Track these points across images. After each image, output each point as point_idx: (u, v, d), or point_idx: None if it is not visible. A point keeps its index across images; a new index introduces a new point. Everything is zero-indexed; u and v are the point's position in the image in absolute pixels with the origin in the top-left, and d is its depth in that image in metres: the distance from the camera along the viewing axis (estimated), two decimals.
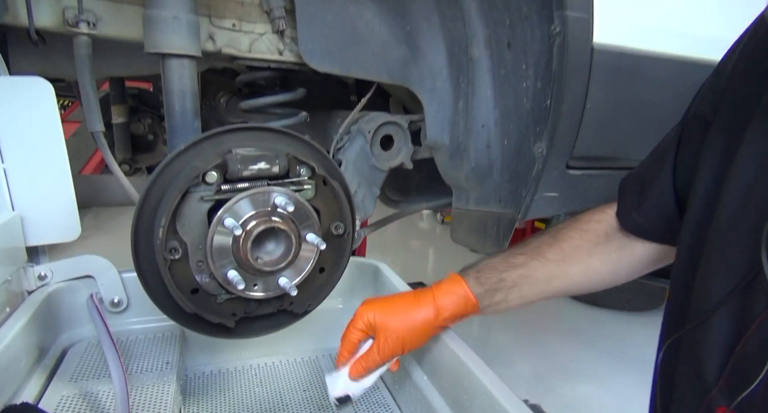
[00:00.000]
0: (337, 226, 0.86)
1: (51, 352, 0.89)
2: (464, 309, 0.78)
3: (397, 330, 0.77)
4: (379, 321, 0.78)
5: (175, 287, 0.74)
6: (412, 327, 0.77)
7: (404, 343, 0.77)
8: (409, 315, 0.78)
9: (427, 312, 0.77)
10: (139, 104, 2.25)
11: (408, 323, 0.77)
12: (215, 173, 0.74)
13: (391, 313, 0.78)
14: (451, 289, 0.78)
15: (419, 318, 0.77)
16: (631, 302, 3.34)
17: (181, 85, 0.87)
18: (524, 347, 2.90)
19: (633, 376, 2.60)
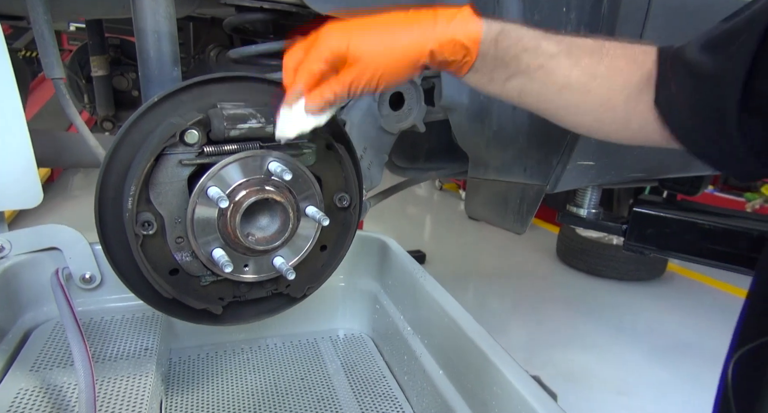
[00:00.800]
0: (341, 197, 0.73)
1: (10, 335, 0.78)
2: (460, 55, 0.57)
3: (376, 60, 0.56)
4: (353, 49, 0.56)
5: (149, 268, 0.62)
6: (397, 57, 0.56)
7: (382, 77, 0.57)
8: (395, 37, 0.57)
9: (420, 38, 0.56)
10: (122, 56, 2.06)
11: (392, 50, 0.56)
12: (196, 131, 0.61)
13: (371, 36, 0.57)
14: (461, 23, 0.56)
15: (409, 43, 0.56)
16: (631, 272, 3.29)
17: (155, 25, 0.72)
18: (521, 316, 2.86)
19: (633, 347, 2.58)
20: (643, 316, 2.91)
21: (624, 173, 0.90)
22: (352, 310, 1.04)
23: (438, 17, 0.57)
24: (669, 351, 2.49)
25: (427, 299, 0.80)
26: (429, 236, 4.19)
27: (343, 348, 0.99)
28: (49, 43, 0.71)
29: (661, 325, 2.75)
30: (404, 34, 0.57)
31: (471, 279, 3.18)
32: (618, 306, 3.06)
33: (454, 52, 0.57)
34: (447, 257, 3.40)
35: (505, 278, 3.20)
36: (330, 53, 0.57)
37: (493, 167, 0.99)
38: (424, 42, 0.56)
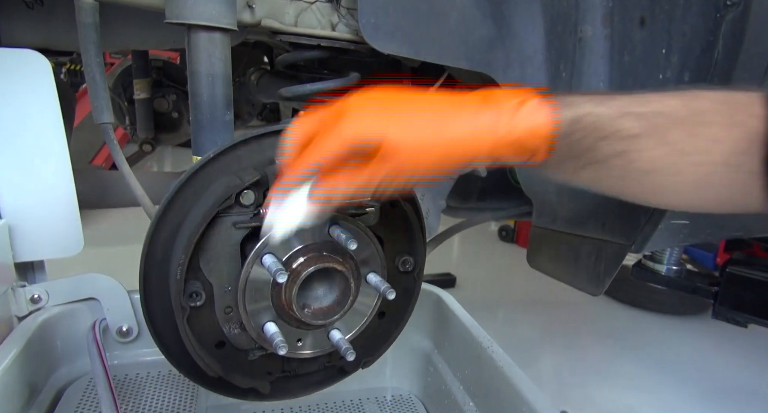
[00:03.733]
0: (405, 261, 0.65)
1: (43, 394, 0.73)
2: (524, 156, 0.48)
3: (418, 157, 0.46)
4: (391, 142, 0.45)
5: (195, 345, 0.55)
6: (446, 156, 0.46)
7: (422, 178, 0.47)
8: (446, 131, 0.46)
9: (477, 134, 0.46)
10: (164, 78, 2.08)
11: (441, 148, 0.46)
12: (253, 191, 0.54)
13: (415, 126, 0.46)
14: (528, 117, 0.47)
15: (463, 140, 0.46)
16: (676, 306, 3.08)
17: (209, 68, 0.67)
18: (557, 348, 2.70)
19: (680, 390, 2.38)
20: (689, 355, 2.71)
21: (720, 232, 0.79)
22: (402, 369, 0.95)
23: (501, 108, 0.47)
24: (720, 396, 2.29)
25: (495, 375, 0.71)
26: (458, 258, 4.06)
27: (390, 412, 0.90)
28: (100, 87, 0.67)
29: (711, 366, 2.55)
30: (457, 128, 0.46)
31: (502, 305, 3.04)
32: (663, 343, 2.87)
33: (518, 153, 0.48)
34: (477, 281, 3.27)
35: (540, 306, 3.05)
36: (358, 140, 0.45)
37: (563, 218, 0.89)
38: (481, 141, 0.46)
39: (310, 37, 0.81)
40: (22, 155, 0.71)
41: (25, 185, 0.73)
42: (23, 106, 0.70)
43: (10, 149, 0.71)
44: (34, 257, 0.75)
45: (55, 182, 0.73)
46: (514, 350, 0.64)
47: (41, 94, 0.69)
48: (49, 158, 0.72)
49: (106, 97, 0.68)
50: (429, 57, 0.81)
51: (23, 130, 0.71)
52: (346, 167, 0.46)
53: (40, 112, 0.69)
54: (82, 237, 0.76)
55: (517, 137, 0.47)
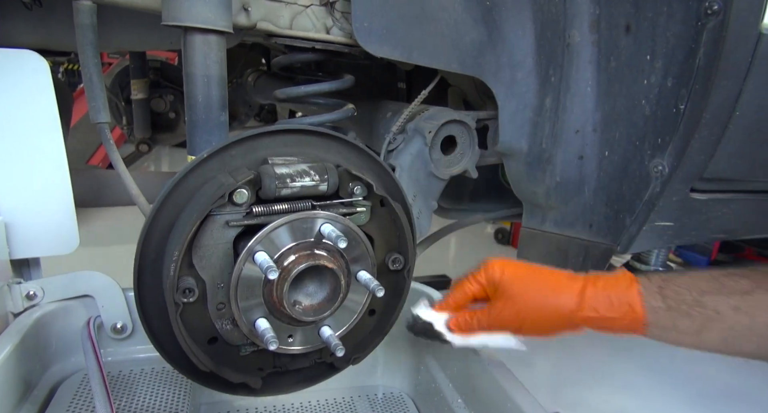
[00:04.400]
0: (395, 259, 0.67)
1: (37, 390, 0.74)
2: (620, 320, 0.57)
3: (520, 303, 0.61)
4: (506, 283, 0.62)
5: (188, 340, 0.56)
6: (540, 309, 0.60)
7: (523, 323, 0.62)
8: (543, 292, 0.60)
9: (567, 301, 0.59)
10: (161, 79, 2.09)
11: (537, 301, 0.60)
12: (246, 190, 0.55)
13: (524, 281, 0.62)
14: (613, 286, 0.58)
15: (553, 302, 0.60)
16: None
17: (205, 69, 0.68)
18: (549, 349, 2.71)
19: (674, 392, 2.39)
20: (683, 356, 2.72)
21: (705, 234, 0.81)
22: (393, 367, 0.96)
23: (598, 280, 0.59)
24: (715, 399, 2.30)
25: (483, 372, 0.73)
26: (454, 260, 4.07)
27: (382, 410, 0.91)
28: (97, 88, 0.68)
29: (706, 368, 2.56)
30: (558, 288, 0.59)
31: None
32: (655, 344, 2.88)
33: (612, 311, 0.57)
34: None
35: None
36: (484, 278, 0.65)
37: (552, 219, 0.91)
38: (575, 302, 0.58)
39: (304, 40, 0.82)
40: (20, 154, 0.72)
41: (22, 183, 0.74)
42: (21, 105, 0.71)
43: (7, 147, 0.72)
44: (29, 255, 0.76)
45: (51, 180, 0.75)
46: (507, 351, 0.67)
47: (39, 94, 0.70)
48: (46, 157, 0.73)
49: (103, 98, 0.69)
50: (421, 60, 0.83)
51: (21, 129, 0.72)
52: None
53: (38, 111, 0.71)
54: (77, 235, 0.77)
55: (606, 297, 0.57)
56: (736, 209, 0.80)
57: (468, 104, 1.16)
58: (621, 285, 0.57)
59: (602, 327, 0.58)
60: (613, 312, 0.57)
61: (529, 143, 0.88)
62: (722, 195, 0.77)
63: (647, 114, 0.71)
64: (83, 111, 3.60)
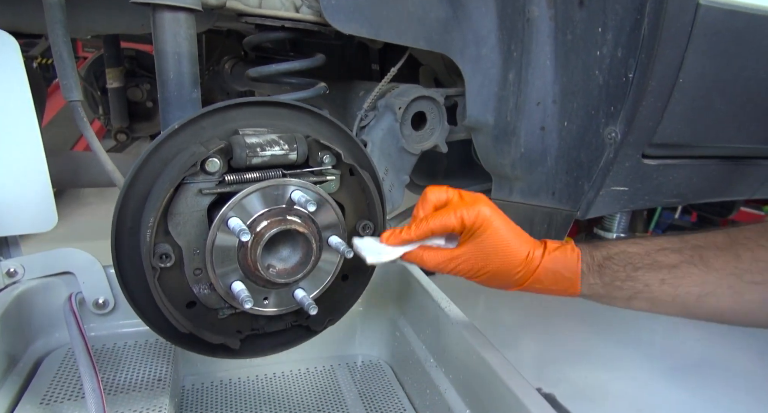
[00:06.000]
0: (365, 226, 0.70)
1: (21, 363, 0.76)
2: (560, 291, 0.63)
3: (488, 260, 0.62)
4: (487, 238, 0.62)
5: (166, 302, 0.59)
6: (500, 271, 0.62)
7: (479, 272, 0.63)
8: (509, 258, 0.62)
9: (520, 270, 0.62)
10: (137, 68, 2.08)
11: (503, 264, 0.62)
12: (217, 159, 0.58)
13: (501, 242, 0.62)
14: (561, 261, 0.61)
15: (510, 270, 0.62)
16: None
17: (175, 46, 0.70)
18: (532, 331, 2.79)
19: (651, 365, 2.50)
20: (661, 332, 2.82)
21: (657, 198, 0.86)
22: (371, 336, 1.00)
23: (546, 245, 0.63)
24: (690, 371, 2.41)
25: (452, 330, 0.77)
26: None
27: (361, 377, 0.95)
28: (68, 65, 0.69)
29: (682, 342, 2.67)
30: (518, 260, 0.61)
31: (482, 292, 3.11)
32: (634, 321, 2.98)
33: (556, 282, 0.62)
34: None
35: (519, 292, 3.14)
36: (470, 221, 0.62)
37: (519, 190, 0.95)
38: (524, 269, 0.62)
39: (274, 19, 0.84)
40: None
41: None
42: None
43: None
44: (8, 233, 0.77)
45: (26, 159, 0.76)
46: (494, 333, 0.71)
47: (10, 73, 0.71)
48: (20, 136, 0.74)
49: (75, 76, 0.71)
50: (388, 37, 0.85)
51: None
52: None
53: (10, 90, 0.72)
54: (55, 213, 0.79)
55: (552, 267, 0.61)
56: (685, 174, 0.85)
57: (439, 83, 1.19)
58: (568, 261, 0.62)
59: (541, 292, 0.64)
60: (556, 284, 0.62)
61: (495, 116, 0.92)
62: (672, 161, 0.82)
63: (600, 84, 0.75)
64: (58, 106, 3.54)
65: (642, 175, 0.81)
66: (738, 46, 0.71)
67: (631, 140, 0.74)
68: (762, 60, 0.74)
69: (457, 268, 0.64)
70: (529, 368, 2.48)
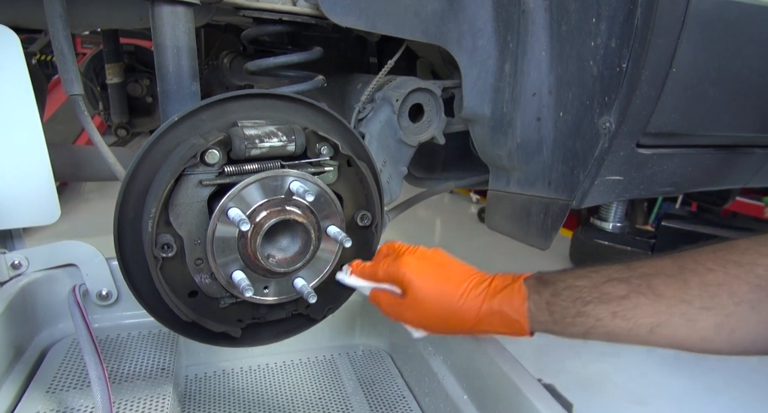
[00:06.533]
0: (363, 216, 0.71)
1: (27, 353, 0.77)
2: (509, 331, 0.62)
3: (426, 309, 0.63)
4: (414, 290, 0.64)
5: (168, 291, 0.60)
6: (442, 321, 0.63)
7: (422, 322, 0.65)
8: (447, 308, 0.62)
9: (466, 318, 0.62)
10: (136, 63, 2.08)
11: (440, 314, 0.63)
12: (217, 151, 0.59)
13: (432, 296, 0.63)
14: (508, 302, 0.61)
15: (455, 319, 0.63)
16: None
17: (174, 40, 0.71)
18: None
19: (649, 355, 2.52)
20: None
21: (652, 187, 0.87)
22: (371, 326, 1.02)
23: (494, 298, 0.62)
24: (688, 360, 2.43)
25: None
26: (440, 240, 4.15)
27: (361, 365, 0.97)
28: (69, 59, 0.70)
29: None
30: (460, 310, 0.61)
31: None
32: None
33: (504, 324, 0.61)
34: None
35: None
36: (395, 277, 0.65)
37: (516, 180, 0.96)
38: (473, 318, 0.61)
39: (271, 12, 0.85)
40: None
41: (1, 157, 0.76)
42: None
43: None
44: (11, 225, 0.78)
45: (29, 152, 0.77)
46: None
47: (11, 67, 0.72)
48: (22, 129, 0.75)
49: (75, 69, 0.71)
50: (386, 30, 0.86)
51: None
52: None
53: (11, 84, 0.73)
54: (58, 206, 0.80)
55: (498, 309, 0.61)
56: (679, 163, 0.86)
57: (436, 75, 1.20)
58: (515, 303, 0.61)
59: (493, 333, 0.65)
60: (505, 327, 0.62)
61: (492, 107, 0.93)
62: (666, 150, 0.83)
63: (595, 74, 0.76)
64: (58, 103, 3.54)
65: (636, 164, 0.81)
66: (731, 35, 0.72)
67: (626, 129, 0.75)
68: (754, 49, 0.74)
69: (401, 316, 0.66)
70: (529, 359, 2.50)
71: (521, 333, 0.61)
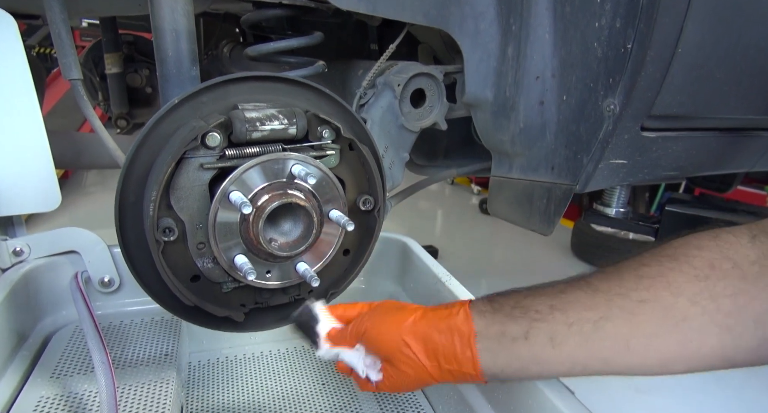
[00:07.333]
0: (365, 200, 0.71)
1: (31, 339, 0.78)
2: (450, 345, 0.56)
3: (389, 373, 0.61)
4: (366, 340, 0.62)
5: (170, 275, 0.60)
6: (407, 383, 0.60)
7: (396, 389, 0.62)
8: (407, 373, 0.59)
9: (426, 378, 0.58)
10: (135, 53, 2.06)
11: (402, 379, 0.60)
12: (218, 134, 0.59)
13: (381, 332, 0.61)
14: (441, 308, 0.59)
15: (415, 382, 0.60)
16: None
17: (173, 23, 0.70)
18: None
19: None
20: None
21: (657, 171, 0.86)
22: None
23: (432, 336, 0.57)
24: None
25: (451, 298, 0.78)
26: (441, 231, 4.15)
27: None
28: (67, 44, 0.70)
29: None
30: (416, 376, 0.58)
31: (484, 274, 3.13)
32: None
33: (441, 320, 0.58)
34: (459, 252, 3.36)
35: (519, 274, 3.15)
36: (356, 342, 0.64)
37: (518, 166, 0.96)
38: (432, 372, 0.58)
39: None
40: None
41: (1, 144, 0.75)
42: None
43: None
44: (12, 212, 0.78)
45: (28, 138, 0.76)
46: None
47: (9, 52, 0.71)
48: (21, 116, 0.75)
49: (74, 54, 0.71)
50: (386, 13, 0.85)
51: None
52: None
53: (9, 69, 0.72)
54: (59, 193, 0.80)
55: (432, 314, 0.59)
56: (684, 146, 0.85)
57: (438, 62, 1.18)
58: (450, 306, 0.59)
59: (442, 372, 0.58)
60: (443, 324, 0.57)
61: (494, 92, 0.92)
62: (671, 133, 0.82)
63: (599, 56, 0.75)
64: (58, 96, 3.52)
65: (641, 147, 0.81)
66: (738, 14, 0.70)
67: (630, 111, 0.74)
68: (762, 29, 0.73)
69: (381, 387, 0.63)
70: None
71: (463, 327, 0.55)
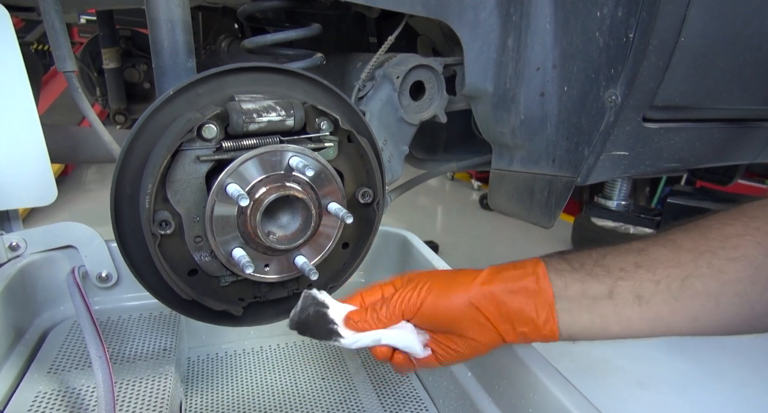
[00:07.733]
0: (364, 193, 0.70)
1: (28, 335, 0.77)
2: (526, 307, 0.54)
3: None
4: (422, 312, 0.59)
5: (167, 269, 0.59)
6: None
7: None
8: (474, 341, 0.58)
9: (494, 339, 0.57)
10: (133, 48, 2.05)
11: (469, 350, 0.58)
12: (214, 126, 0.58)
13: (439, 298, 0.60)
14: (516, 264, 0.57)
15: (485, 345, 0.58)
16: None
17: (168, 14, 0.69)
18: None
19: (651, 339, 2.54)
20: None
21: (658, 163, 0.85)
22: None
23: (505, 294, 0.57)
24: (689, 344, 2.44)
25: None
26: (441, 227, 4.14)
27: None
28: (61, 35, 0.68)
29: None
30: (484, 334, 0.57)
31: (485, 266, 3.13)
32: None
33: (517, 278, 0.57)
34: (460, 248, 3.35)
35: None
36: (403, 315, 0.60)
37: (519, 158, 0.95)
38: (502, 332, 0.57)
39: None
40: None
41: None
42: None
43: None
44: (8, 206, 0.77)
45: (23, 132, 0.75)
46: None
47: (2, 44, 0.70)
48: (15, 110, 0.74)
49: (68, 46, 0.70)
50: (385, 3, 0.84)
51: None
52: None
53: (3, 62, 0.71)
54: (55, 187, 0.79)
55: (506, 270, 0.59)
56: (687, 138, 0.84)
57: (437, 53, 1.17)
58: (525, 261, 0.58)
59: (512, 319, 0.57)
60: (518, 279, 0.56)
61: (494, 83, 0.91)
62: (673, 124, 0.81)
63: (601, 46, 0.74)
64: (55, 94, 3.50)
65: (643, 139, 0.80)
66: (741, 1, 0.69)
67: (632, 102, 0.73)
68: (766, 16, 0.72)
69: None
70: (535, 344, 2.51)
71: (540, 287, 0.53)
